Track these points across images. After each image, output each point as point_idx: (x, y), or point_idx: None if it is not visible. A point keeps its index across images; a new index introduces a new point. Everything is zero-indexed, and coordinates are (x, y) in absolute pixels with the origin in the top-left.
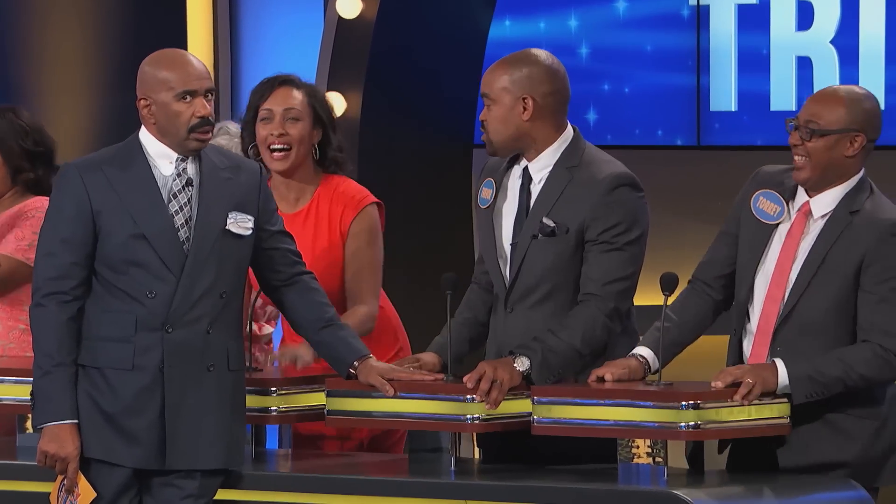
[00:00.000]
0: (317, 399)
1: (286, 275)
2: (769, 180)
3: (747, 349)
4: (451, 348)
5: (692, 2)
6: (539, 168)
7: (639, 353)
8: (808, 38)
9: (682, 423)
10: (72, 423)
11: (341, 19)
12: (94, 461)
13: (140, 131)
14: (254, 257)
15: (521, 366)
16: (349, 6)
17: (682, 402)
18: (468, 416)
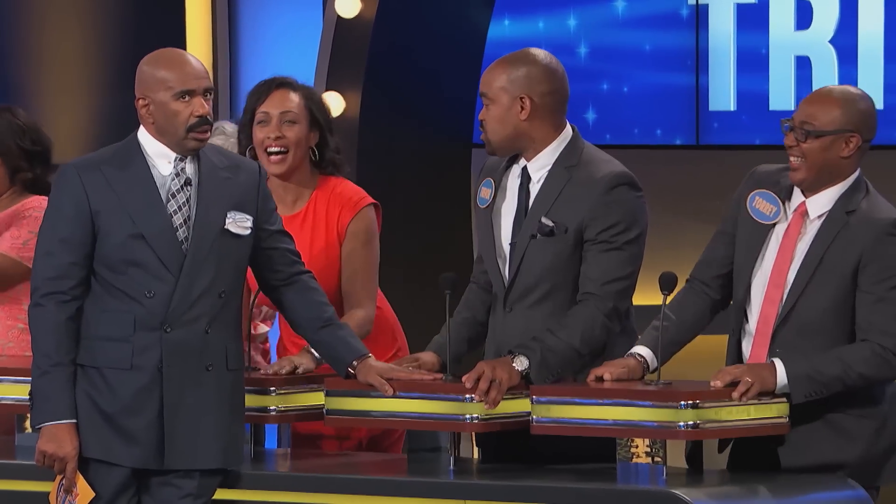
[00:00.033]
0: (316, 399)
1: (285, 274)
2: (765, 180)
3: (746, 350)
4: (450, 348)
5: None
6: (538, 168)
7: (637, 353)
8: (807, 38)
9: (681, 423)
10: (70, 422)
11: (340, 19)
12: (92, 461)
13: (138, 131)
14: (253, 257)
15: (519, 365)
16: (348, 6)
17: (681, 402)
18: (467, 416)
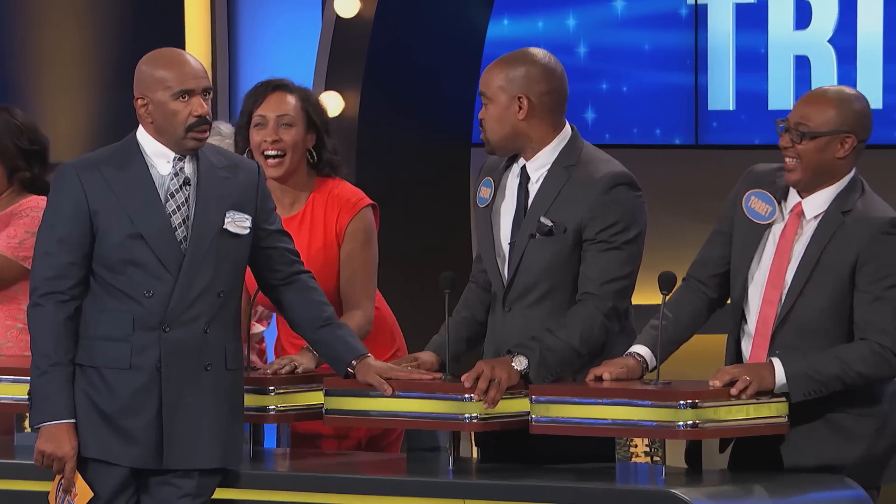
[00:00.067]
0: (315, 398)
1: (284, 274)
2: (761, 180)
3: (746, 351)
4: (449, 347)
5: (690, 1)
6: (537, 167)
7: (636, 352)
8: (806, 38)
9: (681, 423)
10: (69, 422)
11: (339, 18)
12: (91, 460)
13: (137, 131)
14: (252, 256)
15: (519, 365)
16: (347, 5)
17: (681, 402)
18: (466, 416)
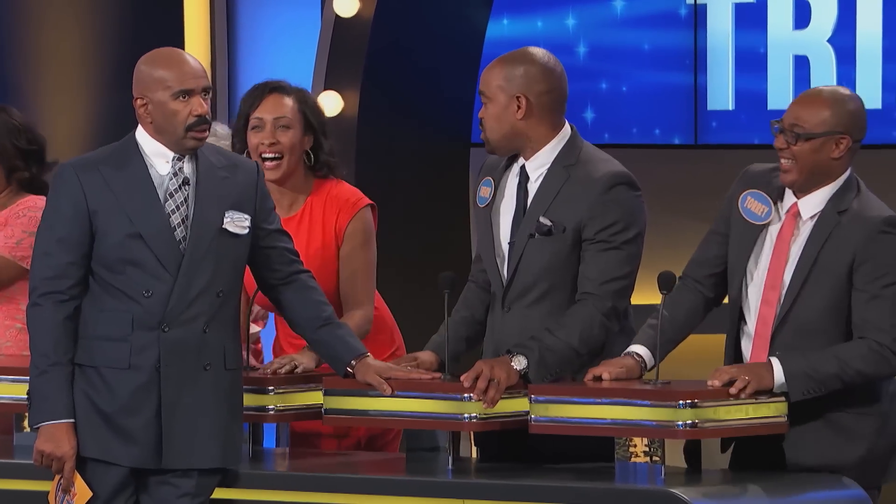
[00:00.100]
0: (314, 398)
1: (284, 273)
2: (757, 179)
3: (746, 352)
4: (448, 347)
5: (689, 1)
6: (536, 167)
7: (634, 352)
8: (806, 37)
9: (680, 422)
10: (68, 422)
11: (338, 18)
12: (90, 460)
13: (136, 130)
14: (251, 256)
15: (518, 364)
16: (346, 5)
17: (680, 401)
18: (465, 415)
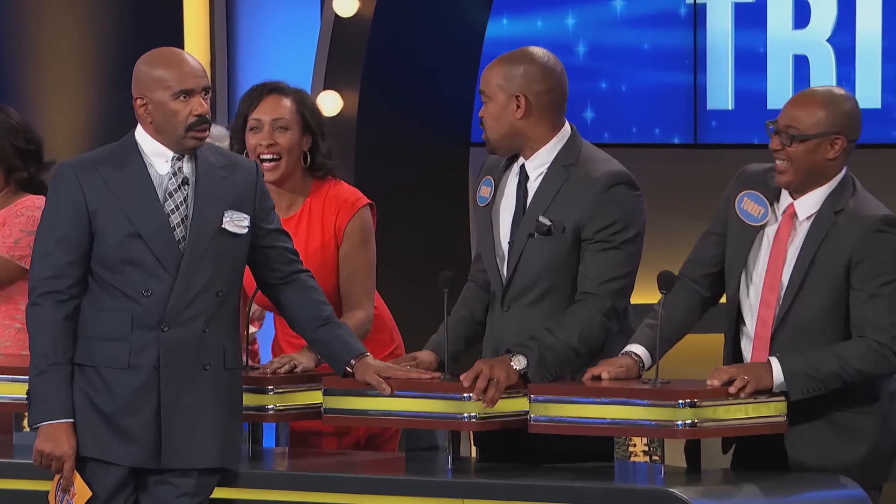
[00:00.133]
0: (314, 397)
1: (283, 273)
2: (753, 180)
3: (746, 353)
4: (447, 346)
5: (689, 0)
6: (536, 166)
7: (632, 351)
8: (805, 37)
9: (679, 422)
10: (67, 422)
11: (338, 18)
12: (90, 460)
13: (136, 130)
14: (250, 255)
15: (517, 364)
16: (346, 5)
17: (679, 401)
18: (465, 415)
